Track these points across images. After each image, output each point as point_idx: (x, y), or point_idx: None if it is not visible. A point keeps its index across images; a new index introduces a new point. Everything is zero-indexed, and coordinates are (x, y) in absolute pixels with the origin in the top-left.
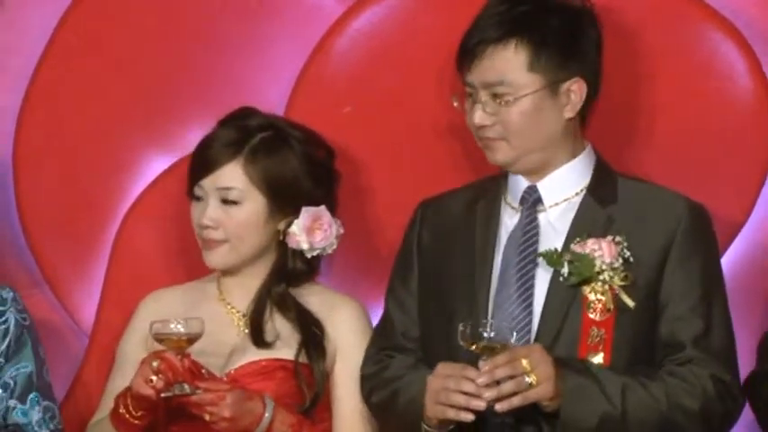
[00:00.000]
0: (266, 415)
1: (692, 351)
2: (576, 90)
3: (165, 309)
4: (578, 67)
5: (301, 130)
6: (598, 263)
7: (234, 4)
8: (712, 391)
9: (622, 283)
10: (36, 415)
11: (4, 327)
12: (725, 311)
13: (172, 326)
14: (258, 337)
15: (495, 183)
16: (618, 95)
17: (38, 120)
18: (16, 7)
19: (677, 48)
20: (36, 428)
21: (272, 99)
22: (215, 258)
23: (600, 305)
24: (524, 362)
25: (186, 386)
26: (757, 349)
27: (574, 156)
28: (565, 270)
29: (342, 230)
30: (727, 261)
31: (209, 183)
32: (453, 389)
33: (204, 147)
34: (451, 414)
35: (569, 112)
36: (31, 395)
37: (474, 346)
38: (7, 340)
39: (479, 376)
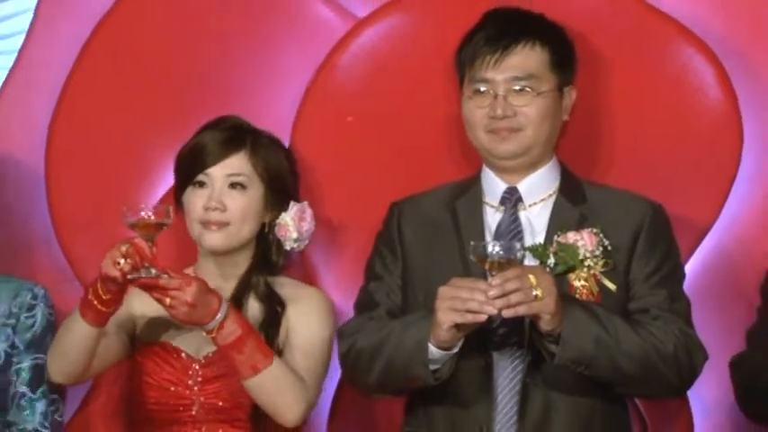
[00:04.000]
0: (219, 314)
1: (658, 312)
2: (571, 96)
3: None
4: (572, 76)
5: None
6: (581, 251)
7: (248, 25)
8: (681, 339)
9: (603, 269)
10: (41, 407)
11: (32, 320)
12: (683, 290)
13: (142, 213)
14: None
15: (469, 185)
16: (597, 106)
17: (68, 128)
18: (48, 25)
19: (653, 62)
20: (41, 419)
21: (282, 110)
22: (216, 239)
23: (585, 290)
24: (531, 277)
25: (153, 270)
26: (746, 335)
27: (549, 160)
28: (551, 261)
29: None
30: (699, 257)
31: (217, 170)
32: (467, 297)
33: (207, 142)
34: (470, 317)
35: (565, 115)
36: (42, 387)
37: (485, 263)
38: (32, 332)
39: (490, 288)
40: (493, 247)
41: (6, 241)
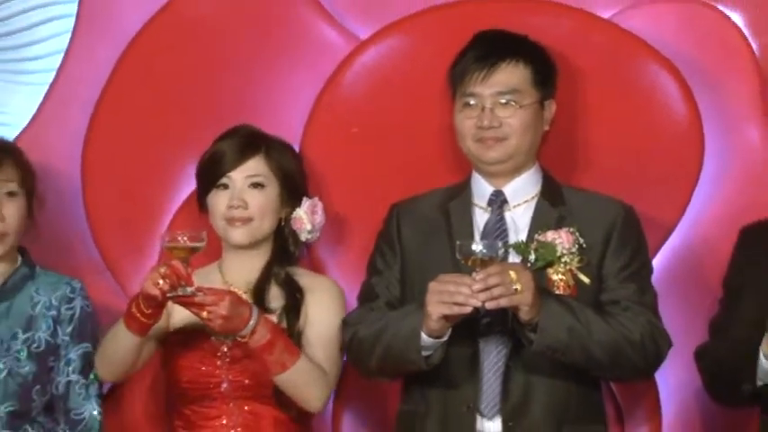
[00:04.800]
0: (251, 321)
1: (628, 303)
2: (551, 109)
3: None
4: (553, 91)
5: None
6: (559, 249)
7: (262, 46)
8: (648, 329)
9: (579, 265)
10: (94, 391)
11: (71, 312)
12: (651, 284)
13: (179, 238)
14: (261, 303)
15: (461, 188)
16: (575, 118)
17: (101, 139)
18: (84, 46)
19: (624, 78)
20: (95, 402)
21: (293, 122)
22: (240, 234)
23: (562, 283)
24: (512, 273)
25: (189, 288)
26: (708, 327)
27: (532, 165)
28: (532, 257)
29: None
30: (665, 254)
31: (238, 173)
32: (453, 291)
33: (226, 148)
34: (456, 309)
35: (546, 126)
36: (93, 373)
37: (469, 261)
38: (74, 323)
39: (474, 283)
40: (477, 246)
41: (48, 240)
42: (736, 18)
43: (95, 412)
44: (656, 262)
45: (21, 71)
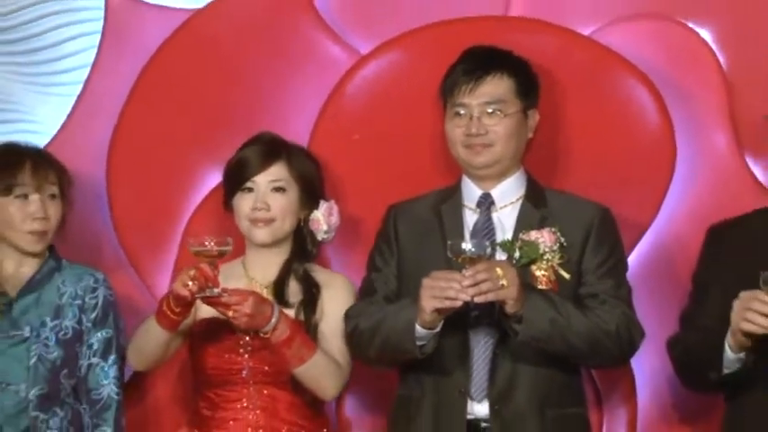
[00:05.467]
0: (273, 318)
1: (605, 297)
2: (534, 117)
3: None
4: (536, 101)
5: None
6: (542, 247)
7: (273, 61)
8: (623, 320)
9: (560, 262)
10: (113, 372)
11: (95, 300)
12: (626, 279)
13: (206, 242)
14: (281, 297)
15: (452, 191)
16: (557, 126)
17: (125, 145)
18: (109, 61)
19: (603, 90)
20: (114, 383)
21: (300, 129)
22: (263, 234)
23: (545, 278)
24: (498, 269)
25: (216, 290)
26: (679, 319)
27: (517, 170)
28: (517, 254)
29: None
30: (640, 252)
31: (261, 178)
32: (444, 286)
33: (251, 155)
34: (447, 303)
35: (530, 133)
36: (112, 356)
37: (459, 258)
38: (97, 311)
39: (464, 279)
40: (466, 245)
41: (75, 237)
42: (705, 34)
43: (114, 393)
44: (631, 259)
45: (51, 83)
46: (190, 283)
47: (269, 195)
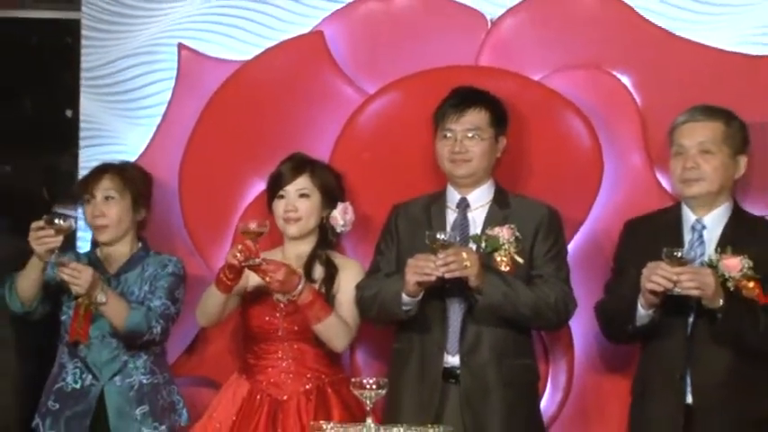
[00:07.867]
0: (299, 286)
1: (549, 277)
2: (503, 141)
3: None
4: (505, 129)
5: (326, 163)
6: (501, 239)
7: (300, 100)
8: (561, 295)
9: (516, 250)
10: (157, 302)
11: (166, 270)
12: (566, 263)
13: (250, 225)
14: (309, 275)
15: (439, 195)
16: (519, 148)
17: (192, 163)
18: (180, 99)
19: (551, 121)
20: (153, 310)
21: (323, 151)
22: (293, 230)
23: (504, 263)
24: (464, 254)
25: (257, 260)
26: (603, 289)
27: (488, 180)
28: (483, 245)
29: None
30: (576, 242)
31: (291, 187)
32: (423, 265)
33: (284, 170)
34: (425, 278)
35: (499, 153)
36: (161, 293)
37: (434, 244)
38: (165, 272)
39: (437, 260)
40: (440, 235)
41: (156, 231)
42: (626, 80)
43: (156, 328)
44: (570, 247)
45: (137, 116)
46: (238, 254)
47: (297, 200)
